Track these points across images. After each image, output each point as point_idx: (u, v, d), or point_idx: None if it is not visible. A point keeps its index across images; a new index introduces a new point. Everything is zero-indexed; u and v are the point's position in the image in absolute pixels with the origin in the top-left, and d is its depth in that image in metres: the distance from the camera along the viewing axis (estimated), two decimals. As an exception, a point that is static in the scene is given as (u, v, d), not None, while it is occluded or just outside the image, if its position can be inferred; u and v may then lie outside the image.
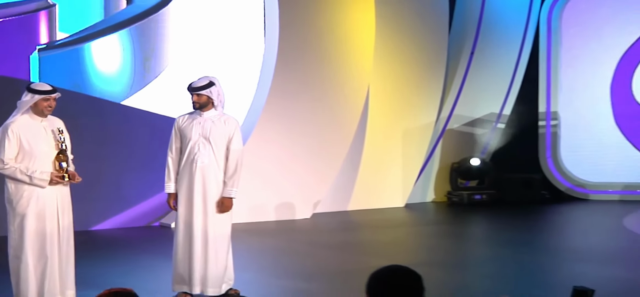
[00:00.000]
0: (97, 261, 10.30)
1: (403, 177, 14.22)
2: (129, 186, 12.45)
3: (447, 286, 9.28)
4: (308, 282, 9.40)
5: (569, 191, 14.77)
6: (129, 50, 12.78)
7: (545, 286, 8.93)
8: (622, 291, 9.04)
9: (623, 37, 14.55)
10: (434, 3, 13.95)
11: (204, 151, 8.45)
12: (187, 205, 8.37)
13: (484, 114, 14.76)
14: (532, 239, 12.22)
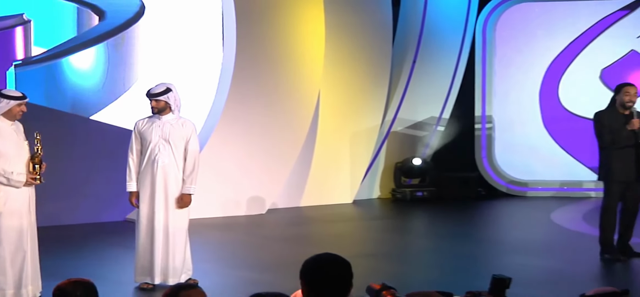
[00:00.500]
0: (66, 254, 10.31)
1: (351, 176, 14.24)
2: (96, 184, 12.42)
3: (390, 276, 9.23)
4: (262, 273, 9.46)
5: (503, 188, 14.83)
6: (102, 65, 12.75)
7: (477, 275, 8.96)
8: (545, 279, 9.16)
9: (550, 48, 14.65)
10: (379, 15, 13.98)
11: (164, 152, 8.57)
12: (150, 202, 8.49)
13: (425, 117, 14.79)
14: (468, 232, 12.33)
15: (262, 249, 10.99)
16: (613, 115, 9.56)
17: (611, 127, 9.51)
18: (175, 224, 8.53)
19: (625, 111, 9.50)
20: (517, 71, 14.73)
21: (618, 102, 9.55)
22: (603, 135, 9.54)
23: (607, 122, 9.53)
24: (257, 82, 12.80)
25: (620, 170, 9.52)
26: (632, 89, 9.56)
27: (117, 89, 12.95)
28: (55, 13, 12.52)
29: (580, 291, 7.21)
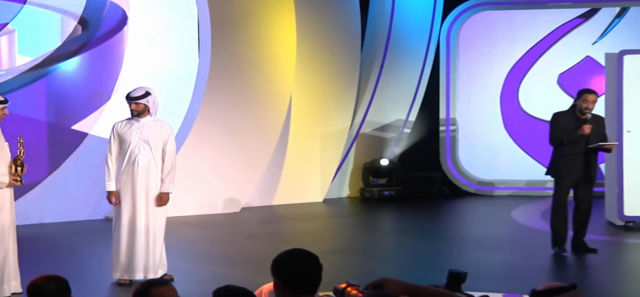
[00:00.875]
0: (48, 251, 10.33)
1: (321, 176, 14.28)
2: (76, 184, 12.43)
3: (358, 271, 9.43)
4: (235, 268, 9.49)
5: (466, 187, 14.91)
6: (85, 75, 12.70)
7: (439, 270, 8.85)
8: (502, 273, 9.28)
9: (511, 54, 14.76)
10: (348, 23, 14.03)
11: (144, 153, 8.59)
12: (131, 201, 8.50)
13: (392, 120, 14.82)
14: (433, 229, 12.39)
15: (236, 246, 11.01)
16: (570, 118, 9.71)
17: (565, 129, 9.66)
18: (156, 222, 8.58)
19: (582, 116, 9.63)
20: (479, 76, 14.83)
21: (577, 107, 9.70)
22: (553, 135, 9.74)
23: (562, 124, 9.69)
24: (232, 87, 12.82)
25: (568, 170, 9.70)
26: (591, 96, 9.68)
27: (100, 99, 12.87)
28: (40, 23, 12.47)
29: (535, 284, 7.30)
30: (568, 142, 9.61)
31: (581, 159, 9.64)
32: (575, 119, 9.65)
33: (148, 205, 8.54)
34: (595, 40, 14.51)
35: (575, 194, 9.81)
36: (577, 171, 9.67)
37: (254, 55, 13.01)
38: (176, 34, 13.31)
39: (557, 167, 9.75)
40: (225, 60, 12.71)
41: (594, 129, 9.63)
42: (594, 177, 9.79)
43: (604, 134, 9.81)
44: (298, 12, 13.20)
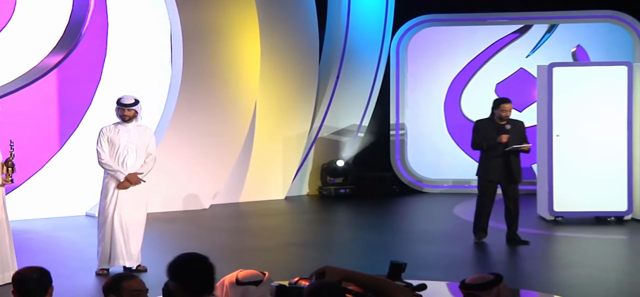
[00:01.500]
0: (34, 245, 10.35)
1: (283, 175, 14.33)
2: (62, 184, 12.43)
3: (315, 262, 9.28)
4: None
5: (413, 186, 14.96)
6: (68, 82, 12.68)
7: (387, 260, 8.88)
8: (443, 263, 9.41)
9: (453, 65, 14.85)
10: (307, 36, 14.10)
11: (131, 155, 8.70)
12: (118, 198, 8.59)
13: (347, 125, 14.88)
14: (383, 224, 12.43)
15: (205, 240, 11.01)
16: (491, 124, 10.00)
17: (486, 135, 9.94)
18: (139, 217, 8.71)
19: (501, 122, 9.90)
20: (425, 85, 14.88)
21: (496, 115, 9.98)
22: (474, 141, 10.08)
23: (483, 130, 9.99)
24: (202, 95, 12.88)
25: (490, 171, 10.00)
26: (507, 105, 10.00)
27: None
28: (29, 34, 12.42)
29: (471, 273, 7.42)
30: (487, 147, 9.92)
31: (502, 161, 9.93)
32: (495, 126, 9.93)
33: (132, 202, 8.68)
34: (528, 53, 14.66)
35: (503, 192, 10.04)
36: (499, 172, 9.94)
37: (222, 65, 13.07)
38: (151, 46, 13.31)
39: (481, 169, 10.09)
40: (195, 70, 12.77)
41: (513, 132, 9.90)
42: (517, 176, 10.02)
43: (523, 136, 10.04)
44: (262, 27, 13.28)
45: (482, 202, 10.14)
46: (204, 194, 13.22)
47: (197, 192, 13.16)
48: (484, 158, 10.04)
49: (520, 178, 10.08)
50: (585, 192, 11.55)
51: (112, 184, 8.66)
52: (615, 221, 11.56)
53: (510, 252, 9.89)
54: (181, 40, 12.63)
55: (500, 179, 9.98)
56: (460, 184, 14.73)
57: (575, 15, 14.58)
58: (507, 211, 10.09)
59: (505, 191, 10.03)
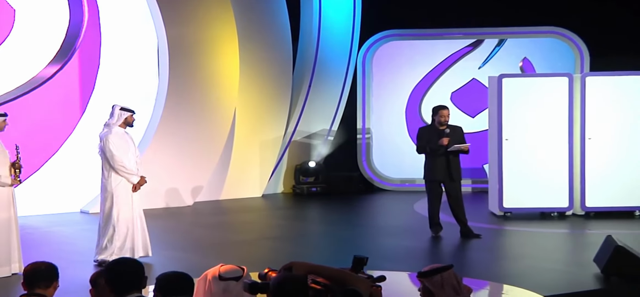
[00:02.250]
0: (35, 240, 10.33)
1: (260, 175, 14.25)
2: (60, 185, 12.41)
3: (288, 254, 9.43)
4: (188, 252, 9.56)
5: (378, 185, 14.89)
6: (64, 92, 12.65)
7: (353, 253, 9.08)
8: (403, 255, 9.51)
9: (414, 76, 14.82)
10: (282, 49, 14.06)
11: (133, 158, 8.75)
12: (128, 197, 8.65)
13: (318, 129, 14.82)
14: (350, 220, 12.47)
15: (189, 234, 11.04)
16: (432, 130, 10.15)
17: (429, 140, 10.08)
18: (141, 211, 8.85)
19: (441, 127, 10.04)
20: (389, 94, 14.85)
21: (436, 121, 10.12)
22: (419, 146, 10.25)
23: (426, 136, 10.14)
24: (186, 103, 12.86)
25: (434, 171, 10.10)
26: (445, 111, 10.17)
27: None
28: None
29: (428, 263, 7.46)
30: (431, 151, 10.03)
31: (444, 162, 10.03)
32: (436, 131, 10.07)
33: (139, 200, 8.80)
34: (480, 65, 14.67)
35: (446, 190, 10.13)
36: (442, 172, 10.04)
37: (204, 76, 13.07)
38: (140, 58, 13.29)
39: (426, 170, 10.21)
40: (180, 80, 12.76)
41: (453, 136, 10.03)
42: (456, 175, 10.13)
43: (462, 139, 10.18)
44: (240, 42, 13.28)
45: (431, 201, 10.25)
46: (188, 192, 13.20)
47: (182, 190, 13.14)
48: (429, 161, 10.16)
49: (459, 177, 10.19)
50: (531, 190, 11.61)
51: (124, 186, 8.62)
52: (558, 216, 11.63)
53: (464, 244, 9.97)
54: (167, 54, 12.61)
55: (443, 178, 10.07)
56: (419, 182, 14.25)
57: (522, 31, 14.63)
58: (452, 209, 10.18)
59: (447, 190, 10.13)
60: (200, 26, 12.92)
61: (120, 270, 4.17)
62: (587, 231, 10.74)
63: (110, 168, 8.62)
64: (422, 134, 10.23)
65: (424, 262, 8.78)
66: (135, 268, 4.19)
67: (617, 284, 7.89)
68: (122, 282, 4.10)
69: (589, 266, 8.33)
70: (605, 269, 7.99)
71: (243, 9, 13.45)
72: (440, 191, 10.19)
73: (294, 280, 4.00)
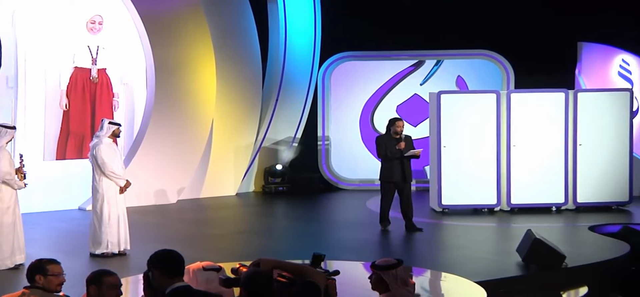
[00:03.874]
0: (39, 234, 10.27)
1: (234, 176, 14.21)
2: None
3: (258, 247, 9.57)
4: (172, 245, 9.22)
5: (335, 184, 14.85)
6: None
7: (314, 245, 9.17)
8: (357, 247, 9.54)
9: (366, 91, 14.80)
10: (253, 68, 14.03)
11: (120, 164, 8.81)
12: (116, 197, 8.67)
13: (284, 137, 14.78)
14: (312, 216, 12.49)
15: (173, 228, 11.00)
16: (388, 138, 10.23)
17: (386, 146, 10.15)
18: (125, 210, 8.84)
19: (396, 136, 10.16)
20: (345, 106, 14.84)
21: (392, 131, 10.22)
22: (379, 152, 10.30)
23: (383, 143, 10.22)
24: (170, 114, 12.83)
25: (391, 174, 10.18)
26: (400, 122, 10.31)
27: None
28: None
29: (380, 255, 7.59)
30: (390, 155, 10.11)
31: (399, 165, 10.13)
32: (392, 139, 10.17)
33: (123, 200, 8.85)
34: (421, 82, 14.68)
35: (398, 190, 10.21)
36: (396, 174, 10.14)
37: (186, 91, 13.05)
38: (129, 75, 13.26)
39: (382, 173, 10.27)
40: (165, 95, 12.73)
41: (406, 143, 10.14)
42: (409, 177, 10.25)
43: (412, 146, 10.30)
44: (217, 62, 13.27)
45: (385, 199, 10.32)
46: (172, 192, 13.17)
47: (167, 190, 13.10)
48: (385, 164, 10.23)
49: (411, 178, 10.34)
50: (465, 189, 11.70)
51: (113, 188, 8.71)
52: (487, 212, 11.73)
53: (408, 237, 10.05)
54: (153, 72, 12.59)
55: (398, 180, 10.16)
56: (371, 182, 14.38)
57: (457, 53, 14.68)
58: (402, 206, 10.27)
59: (400, 190, 10.21)
60: (182, 48, 12.90)
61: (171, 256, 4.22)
62: (511, 225, 10.84)
63: (100, 173, 8.73)
64: (380, 141, 10.29)
65: (375, 252, 8.90)
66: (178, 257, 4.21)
67: (535, 271, 8.07)
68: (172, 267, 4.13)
69: (512, 255, 8.48)
70: (526, 258, 8.17)
71: (219, 34, 13.44)
72: (393, 191, 10.24)
73: (261, 275, 4.07)
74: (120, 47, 13.09)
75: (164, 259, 4.20)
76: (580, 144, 11.80)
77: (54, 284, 4.65)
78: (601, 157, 11.84)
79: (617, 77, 13.71)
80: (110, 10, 12.87)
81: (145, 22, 12.40)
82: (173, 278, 4.11)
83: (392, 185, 10.24)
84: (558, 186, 11.75)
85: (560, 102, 11.78)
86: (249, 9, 13.86)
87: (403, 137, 10.19)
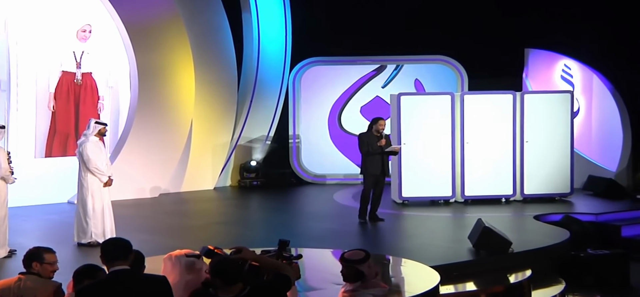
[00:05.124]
0: (29, 226, 10.20)
1: (213, 171, 14.19)
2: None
3: (234, 236, 9.58)
4: (154, 235, 9.50)
5: (306, 179, 14.87)
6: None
7: (289, 234, 9.07)
8: (325, 236, 9.57)
9: (334, 93, 14.84)
10: (229, 72, 14.03)
11: (105, 161, 8.79)
12: (101, 191, 8.64)
13: (258, 135, 14.77)
14: (284, 207, 12.50)
15: (156, 220, 10.96)
16: (370, 135, 10.15)
17: (368, 143, 10.09)
18: (110, 203, 8.85)
19: (377, 134, 10.12)
20: (314, 107, 14.87)
21: (374, 129, 10.15)
22: (361, 147, 10.16)
23: (366, 140, 10.13)
24: (152, 115, 12.80)
25: (371, 168, 10.11)
26: (382, 121, 10.19)
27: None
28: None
29: (347, 245, 7.61)
30: (372, 151, 10.07)
31: (380, 160, 10.10)
32: (373, 136, 10.13)
33: (108, 194, 8.84)
34: (383, 85, 14.73)
35: (376, 183, 10.15)
36: (377, 169, 10.09)
37: (167, 94, 13.03)
38: (114, 79, 13.22)
39: (365, 168, 10.17)
40: (147, 97, 12.71)
41: (386, 141, 10.16)
42: (387, 171, 10.27)
43: (390, 143, 10.34)
44: (195, 66, 13.27)
45: (368, 192, 10.16)
46: (154, 186, 13.15)
47: (149, 184, 13.07)
48: (368, 159, 10.10)
49: (388, 172, 10.36)
50: (423, 182, 11.77)
51: (97, 183, 8.71)
52: (444, 203, 11.83)
53: (372, 227, 10.06)
54: (137, 76, 12.57)
55: (379, 173, 10.10)
56: (338, 177, 14.73)
57: (416, 58, 14.74)
58: (375, 196, 10.19)
59: (378, 182, 10.13)
60: (163, 54, 12.88)
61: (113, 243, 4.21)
62: (465, 215, 10.95)
63: (86, 169, 8.73)
64: (363, 138, 10.15)
65: (341, 241, 8.94)
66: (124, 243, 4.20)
67: (485, 256, 8.21)
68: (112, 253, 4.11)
69: (465, 242, 8.59)
70: (476, 244, 8.30)
71: (197, 41, 13.44)
72: (375, 184, 10.11)
73: (232, 261, 4.09)
74: (106, 53, 13.08)
75: (106, 245, 4.21)
76: (526, 141, 11.99)
77: (48, 271, 4.69)
78: (546, 153, 12.03)
79: (560, 80, 13.92)
80: (96, 18, 12.84)
81: (129, 30, 12.39)
82: (114, 262, 4.06)
83: (375, 177, 10.13)
84: (507, 179, 11.91)
85: (508, 103, 11.94)
86: (225, 17, 13.86)
87: (384, 135, 10.15)
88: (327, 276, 6.18)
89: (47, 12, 12.48)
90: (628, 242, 10.03)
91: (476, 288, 7.64)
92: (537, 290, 7.83)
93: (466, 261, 8.04)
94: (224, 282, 3.90)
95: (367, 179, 10.19)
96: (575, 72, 13.76)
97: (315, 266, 6.88)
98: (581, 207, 11.47)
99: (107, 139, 11.98)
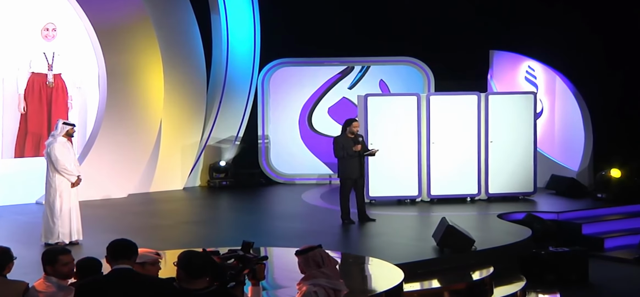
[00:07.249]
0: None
1: (182, 171, 14.17)
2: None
3: (203, 236, 9.63)
4: (123, 234, 9.13)
5: (275, 179, 14.85)
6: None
7: (257, 233, 9.34)
8: (293, 234, 9.64)
9: (303, 94, 14.80)
10: (198, 73, 14.02)
11: (73, 162, 8.78)
12: (70, 191, 8.63)
13: (228, 136, 14.74)
14: (253, 207, 12.49)
15: (124, 220, 10.92)
16: (345, 138, 10.09)
17: (343, 146, 10.03)
18: (77, 203, 8.80)
19: (351, 136, 10.08)
20: (283, 108, 14.86)
21: (348, 131, 10.10)
22: (336, 150, 10.10)
23: (341, 143, 10.07)
24: (121, 115, 12.76)
25: (348, 171, 10.04)
26: (356, 123, 10.18)
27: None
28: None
29: (314, 242, 7.67)
30: (347, 154, 10.01)
31: (357, 163, 10.06)
32: (348, 139, 10.06)
33: (76, 195, 8.83)
34: (349, 86, 14.75)
35: (356, 185, 10.12)
36: (355, 171, 10.03)
37: (135, 94, 13.00)
38: (83, 80, 13.18)
39: (342, 170, 10.09)
40: (116, 98, 12.67)
41: (361, 144, 10.14)
42: (364, 173, 10.29)
43: (365, 145, 10.36)
44: (164, 67, 13.25)
45: (344, 195, 10.09)
46: (123, 186, 13.09)
47: (118, 184, 13.01)
48: (344, 162, 9.94)
49: (364, 174, 10.37)
50: (390, 182, 11.86)
51: (65, 183, 8.69)
52: (410, 202, 11.92)
53: (341, 226, 10.05)
54: (105, 76, 12.53)
55: (356, 176, 10.06)
56: (307, 177, 14.72)
57: (382, 60, 14.79)
58: (358, 199, 10.14)
59: (357, 184, 10.10)
60: (131, 55, 12.84)
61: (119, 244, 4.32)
62: (431, 214, 11.04)
63: (54, 169, 8.71)
64: (338, 141, 10.06)
65: (308, 240, 8.88)
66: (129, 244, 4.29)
67: (448, 254, 8.36)
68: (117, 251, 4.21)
69: (429, 241, 8.72)
70: (440, 242, 8.45)
71: (166, 42, 13.42)
72: (351, 186, 10.05)
73: (197, 255, 4.13)
74: (74, 53, 13.02)
75: (112, 246, 4.37)
76: (491, 142, 12.18)
77: (65, 272, 4.68)
78: (510, 153, 12.21)
79: (524, 81, 14.15)
80: (64, 18, 12.79)
81: (97, 31, 12.34)
82: (118, 260, 4.15)
83: (352, 180, 10.07)
84: (472, 179, 12.08)
85: (473, 103, 12.11)
86: (193, 19, 13.86)
87: (359, 139, 10.08)
88: (293, 274, 6.21)
89: (12, 12, 12.37)
90: (588, 240, 10.26)
91: (440, 285, 7.78)
92: (499, 287, 7.98)
93: (430, 259, 8.17)
94: (188, 275, 3.94)
95: (345, 183, 10.12)
96: (539, 74, 14.00)
97: (283, 265, 6.96)
98: (544, 205, 11.68)
99: (75, 139, 11.96)
